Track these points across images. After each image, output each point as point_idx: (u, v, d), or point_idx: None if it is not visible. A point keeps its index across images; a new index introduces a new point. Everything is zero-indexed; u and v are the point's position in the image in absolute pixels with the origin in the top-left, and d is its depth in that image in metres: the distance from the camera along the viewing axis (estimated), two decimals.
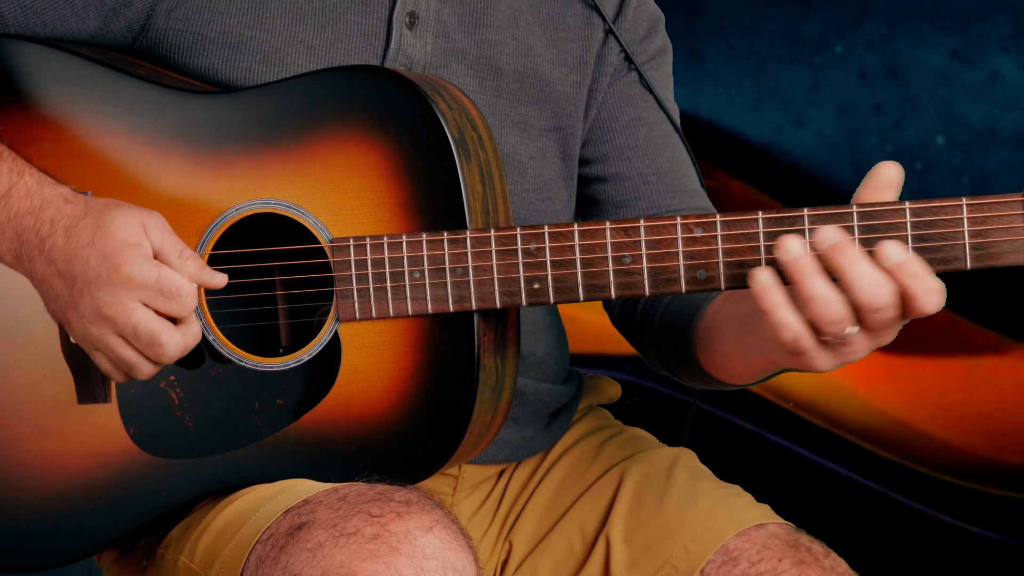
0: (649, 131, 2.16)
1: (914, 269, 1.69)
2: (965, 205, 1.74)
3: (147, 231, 1.82)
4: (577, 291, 1.83)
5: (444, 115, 1.86)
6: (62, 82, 1.94)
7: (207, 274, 1.85)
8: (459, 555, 1.77)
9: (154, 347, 1.82)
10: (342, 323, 1.88)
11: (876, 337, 1.73)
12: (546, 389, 2.16)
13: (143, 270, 1.80)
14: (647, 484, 2.08)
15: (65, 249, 1.82)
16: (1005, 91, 3.84)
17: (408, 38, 2.02)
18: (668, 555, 2.00)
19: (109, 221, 1.81)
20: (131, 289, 1.80)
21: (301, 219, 1.89)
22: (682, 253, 1.81)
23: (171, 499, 1.94)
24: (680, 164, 2.17)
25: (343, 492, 1.83)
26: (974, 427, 3.85)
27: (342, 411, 1.90)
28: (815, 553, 1.93)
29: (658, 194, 2.15)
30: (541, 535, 2.12)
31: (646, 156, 2.16)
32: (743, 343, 1.86)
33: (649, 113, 2.17)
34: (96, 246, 1.81)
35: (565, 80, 2.12)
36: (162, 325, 1.82)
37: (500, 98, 2.08)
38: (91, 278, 1.81)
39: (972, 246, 1.74)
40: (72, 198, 1.85)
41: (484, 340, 1.87)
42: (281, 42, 2.00)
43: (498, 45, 2.08)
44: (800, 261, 1.71)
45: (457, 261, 1.85)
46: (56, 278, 1.83)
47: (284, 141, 1.90)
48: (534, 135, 2.11)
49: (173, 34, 2.00)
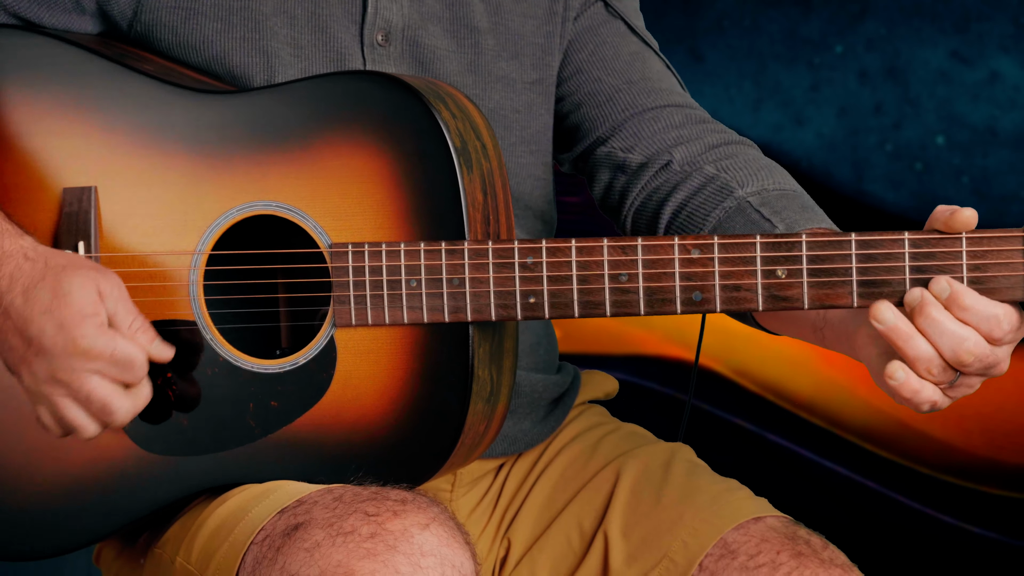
0: (615, 51, 2.17)
1: (935, 314, 1.72)
2: (964, 238, 1.74)
3: (103, 298, 1.84)
4: (573, 307, 1.83)
5: (447, 123, 1.87)
6: (70, 76, 1.95)
7: (155, 348, 1.87)
8: (457, 551, 1.78)
9: (105, 414, 1.85)
10: (338, 328, 1.88)
11: (985, 372, 1.74)
12: (539, 379, 2.15)
13: (99, 342, 1.82)
14: (644, 479, 2.09)
15: (23, 310, 1.84)
16: (1005, 91, 3.83)
17: (384, 2, 2.04)
18: (666, 549, 2.00)
19: (67, 289, 1.83)
20: (87, 360, 1.83)
21: (301, 223, 1.89)
22: (678, 274, 1.81)
23: (166, 496, 1.95)
24: (653, 74, 2.17)
25: (338, 492, 1.83)
26: (974, 427, 3.85)
27: (336, 416, 1.90)
28: (813, 545, 1.94)
29: (632, 97, 2.15)
30: (539, 532, 2.13)
31: (615, 72, 2.16)
32: (822, 336, 1.86)
33: (615, 38, 2.18)
34: (53, 314, 1.82)
35: (538, 31, 2.14)
36: (115, 393, 1.85)
37: (481, 55, 2.10)
38: (47, 346, 1.83)
39: (970, 280, 1.74)
40: (32, 254, 1.87)
41: (479, 351, 1.87)
42: (269, 10, 2.01)
43: (469, 5, 2.09)
44: (896, 328, 1.73)
45: (454, 272, 1.85)
46: (12, 332, 1.85)
47: (288, 144, 1.90)
48: (519, 89, 2.12)
49: (166, 12, 2.01)
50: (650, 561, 2.01)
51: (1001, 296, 1.74)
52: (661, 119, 2.14)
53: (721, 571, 1.94)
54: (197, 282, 1.92)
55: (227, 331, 1.93)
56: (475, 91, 2.08)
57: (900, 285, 1.76)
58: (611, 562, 2.04)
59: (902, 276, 1.75)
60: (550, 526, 2.12)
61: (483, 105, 2.07)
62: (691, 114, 2.15)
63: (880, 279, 1.76)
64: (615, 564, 2.04)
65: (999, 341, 1.72)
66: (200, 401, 1.93)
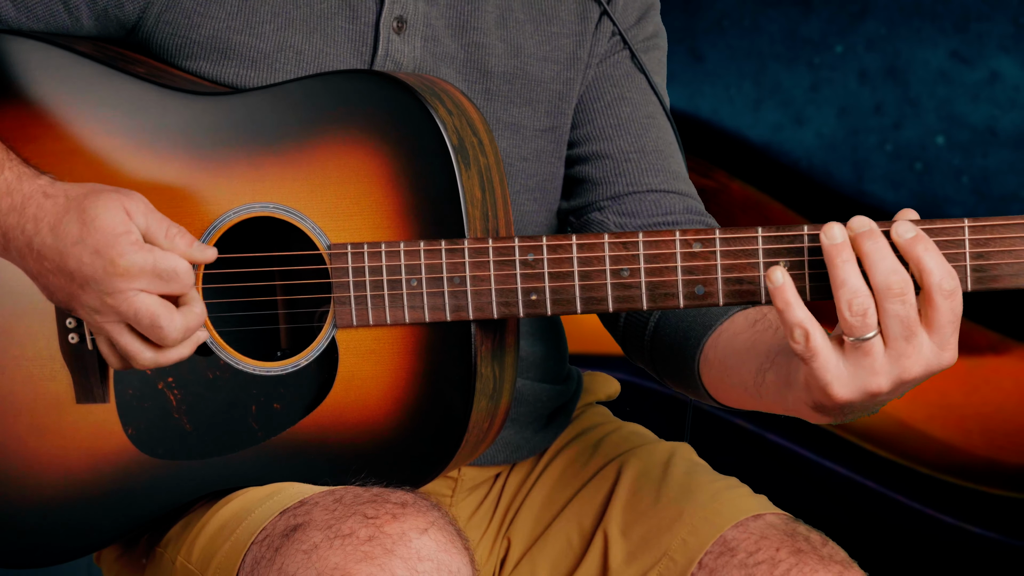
0: (633, 110, 2.15)
1: (928, 244, 1.70)
2: (967, 227, 1.73)
3: (131, 216, 1.82)
4: (575, 304, 1.83)
5: (443, 121, 1.86)
6: (61, 80, 1.94)
7: (196, 249, 1.84)
8: (454, 557, 1.77)
9: (155, 330, 1.81)
10: (339, 329, 1.88)
11: (894, 350, 1.70)
12: (545, 389, 2.16)
13: (137, 258, 1.80)
14: (644, 478, 2.09)
15: (55, 247, 1.82)
16: (1005, 91, 3.83)
17: (396, 43, 2.02)
18: (666, 547, 2.00)
19: (94, 214, 1.81)
20: (129, 279, 1.80)
21: (299, 224, 1.89)
22: (680, 268, 1.80)
23: (168, 500, 1.94)
24: (665, 145, 2.15)
25: (339, 494, 1.83)
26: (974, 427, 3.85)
27: (339, 417, 1.90)
28: (813, 542, 1.93)
29: (640, 172, 2.13)
30: (539, 531, 2.13)
31: (628, 135, 2.14)
32: (763, 379, 1.84)
33: (635, 94, 2.15)
34: (86, 242, 1.80)
35: (557, 78, 2.11)
36: (162, 308, 1.81)
37: (491, 101, 2.08)
38: (88, 274, 1.80)
39: (973, 268, 1.73)
40: (51, 191, 1.84)
41: (481, 348, 1.87)
42: (270, 47, 1.99)
43: (486, 48, 2.07)
44: (840, 247, 1.71)
45: (455, 270, 1.85)
46: (51, 274, 1.83)
47: (283, 144, 1.90)
48: (528, 136, 2.10)
49: (162, 38, 2.00)
50: (650, 560, 2.01)
51: (1005, 284, 1.73)
52: (663, 204, 2.13)
53: (720, 568, 1.94)
54: (196, 286, 1.92)
55: (227, 334, 1.93)
56: None
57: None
58: (611, 561, 2.04)
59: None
60: (550, 525, 2.12)
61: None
62: (691, 205, 2.15)
63: None
64: (615, 563, 2.04)
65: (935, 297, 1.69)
66: (202, 405, 1.93)
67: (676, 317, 2.05)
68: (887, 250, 1.70)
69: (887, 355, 1.70)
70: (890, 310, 1.69)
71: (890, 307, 1.69)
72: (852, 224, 1.72)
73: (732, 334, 1.94)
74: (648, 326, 2.09)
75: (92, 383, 1.91)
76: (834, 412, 1.75)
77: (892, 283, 1.69)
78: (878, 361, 1.70)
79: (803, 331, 1.70)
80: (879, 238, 1.71)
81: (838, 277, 1.70)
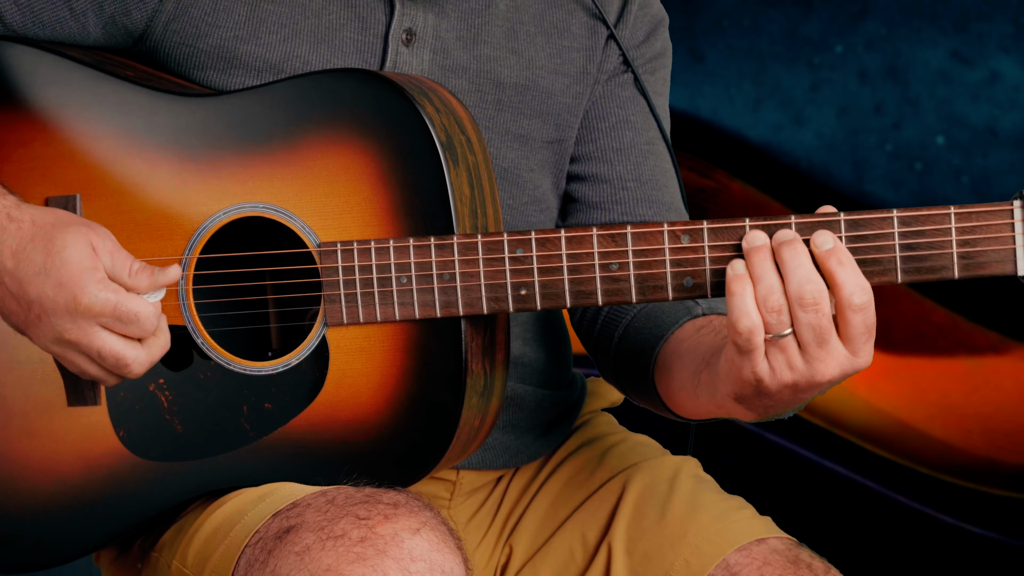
0: (636, 136, 2.15)
1: (842, 257, 1.74)
2: (953, 214, 1.74)
3: (98, 252, 1.81)
4: (564, 297, 1.83)
5: (431, 119, 1.86)
6: (50, 84, 1.94)
7: (160, 277, 1.84)
8: (447, 557, 1.77)
9: (120, 368, 1.83)
10: (330, 327, 1.88)
11: (807, 354, 1.74)
12: (547, 395, 2.15)
13: (100, 297, 1.80)
14: (650, 493, 2.08)
15: (15, 272, 1.81)
16: (1005, 91, 3.83)
17: (404, 55, 2.02)
18: (669, 567, 2.00)
19: (60, 246, 1.80)
20: (91, 317, 1.80)
21: (288, 223, 1.89)
22: (669, 260, 1.81)
23: (161, 501, 1.94)
24: (662, 174, 2.16)
25: (331, 495, 1.83)
26: (974, 427, 3.85)
27: (331, 415, 1.89)
28: (815, 570, 1.93)
29: (635, 201, 2.14)
30: (542, 540, 2.12)
31: (628, 161, 2.14)
32: (699, 379, 1.88)
33: (638, 118, 2.16)
34: (50, 274, 1.80)
35: (567, 91, 2.11)
36: (126, 347, 1.82)
37: (502, 111, 2.08)
38: (48, 307, 1.80)
39: (960, 255, 1.74)
40: (15, 214, 1.83)
41: (472, 345, 1.87)
42: (277, 58, 1.99)
43: (497, 60, 2.07)
44: (758, 248, 1.76)
45: (444, 267, 1.85)
46: (8, 297, 1.83)
47: (272, 144, 1.90)
48: (535, 148, 2.10)
49: (170, 46, 2.00)
50: None
51: (992, 271, 1.74)
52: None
53: None
54: (186, 287, 1.92)
55: (217, 334, 1.93)
56: (491, 148, 2.06)
57: (890, 263, 1.77)
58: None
59: (892, 254, 1.76)
60: (553, 535, 2.11)
61: (498, 164, 2.05)
62: None
63: (870, 258, 1.77)
64: None
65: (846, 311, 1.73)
66: (194, 406, 1.93)
67: (635, 331, 2.06)
68: (804, 258, 1.74)
69: (802, 356, 1.75)
70: (803, 319, 1.73)
71: (803, 316, 1.73)
72: (777, 235, 1.76)
73: (679, 340, 1.98)
74: (614, 339, 2.09)
75: (83, 386, 1.91)
76: (754, 403, 1.80)
77: (804, 293, 1.73)
78: (793, 359, 1.74)
79: (748, 324, 1.74)
80: (798, 246, 1.74)
81: (754, 273, 1.75)
